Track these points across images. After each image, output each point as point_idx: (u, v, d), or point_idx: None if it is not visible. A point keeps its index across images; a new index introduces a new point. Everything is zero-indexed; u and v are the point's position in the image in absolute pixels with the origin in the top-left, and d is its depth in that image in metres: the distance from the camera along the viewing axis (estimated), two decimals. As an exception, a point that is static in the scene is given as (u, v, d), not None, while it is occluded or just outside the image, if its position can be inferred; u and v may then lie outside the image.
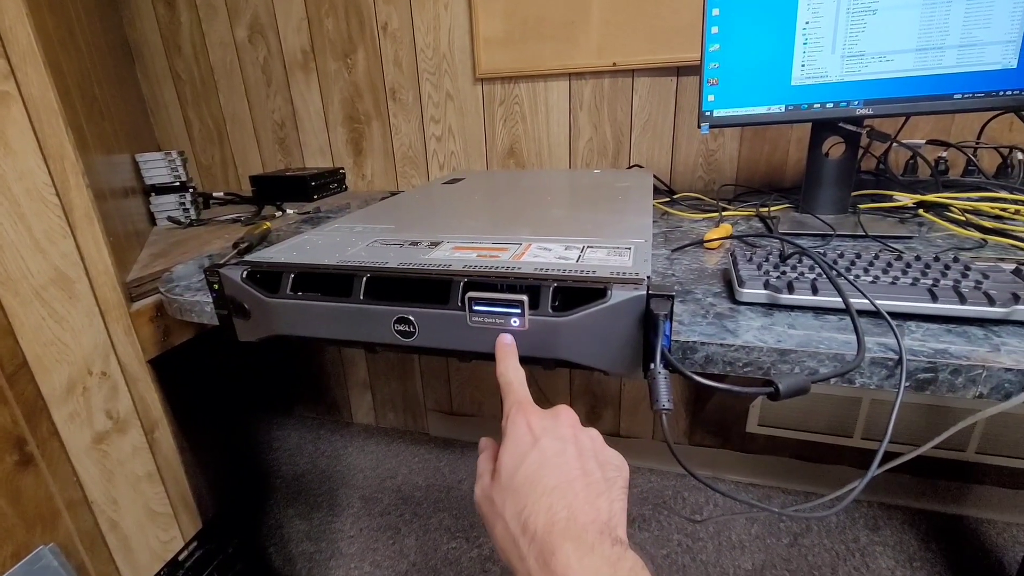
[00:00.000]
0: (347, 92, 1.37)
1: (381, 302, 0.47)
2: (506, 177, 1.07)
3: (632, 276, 0.44)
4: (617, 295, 0.42)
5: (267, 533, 1.35)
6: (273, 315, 0.51)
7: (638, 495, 1.41)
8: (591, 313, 0.42)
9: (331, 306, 0.48)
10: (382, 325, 0.47)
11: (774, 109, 0.81)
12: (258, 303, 0.51)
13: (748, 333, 0.51)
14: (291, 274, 0.50)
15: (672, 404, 0.33)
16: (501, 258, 0.50)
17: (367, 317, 0.48)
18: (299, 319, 0.50)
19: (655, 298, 0.40)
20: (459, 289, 0.45)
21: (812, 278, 0.57)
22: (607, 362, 0.44)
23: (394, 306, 0.47)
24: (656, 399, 0.34)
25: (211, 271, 0.52)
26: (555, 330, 0.43)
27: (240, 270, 0.52)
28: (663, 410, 0.33)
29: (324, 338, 0.50)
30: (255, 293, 0.51)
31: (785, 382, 0.35)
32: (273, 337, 0.53)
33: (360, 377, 1.72)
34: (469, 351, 0.46)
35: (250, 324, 0.53)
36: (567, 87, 1.21)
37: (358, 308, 0.48)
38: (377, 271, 0.49)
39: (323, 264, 0.51)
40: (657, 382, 0.34)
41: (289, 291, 0.50)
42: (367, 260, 0.51)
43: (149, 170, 1.08)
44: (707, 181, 1.20)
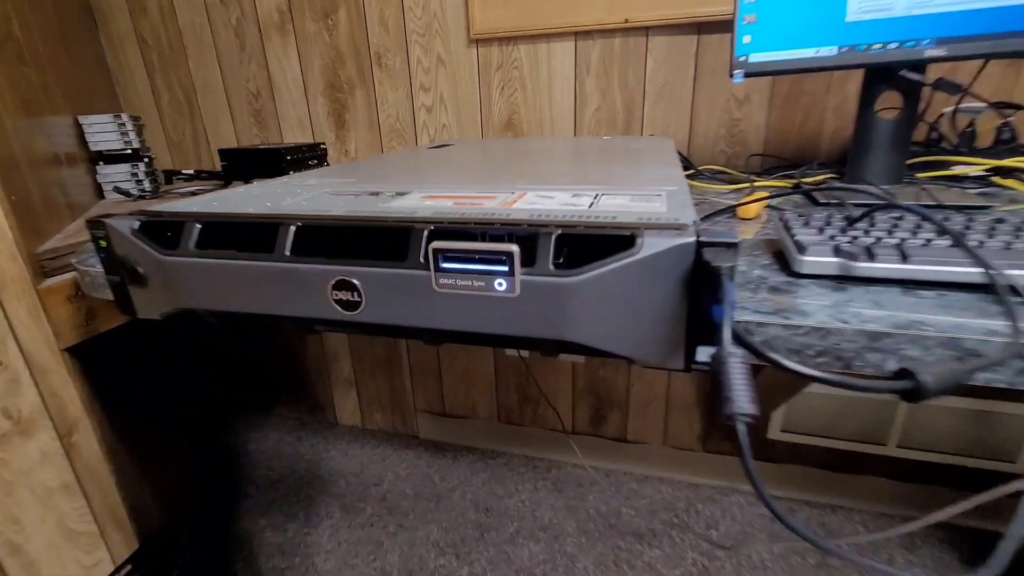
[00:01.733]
0: (328, 57, 1.23)
1: (316, 260, 0.34)
2: (503, 143, 0.93)
3: (671, 221, 0.30)
4: (651, 244, 0.28)
5: (234, 546, 1.22)
6: (174, 280, 0.37)
7: (647, 507, 1.27)
8: (612, 271, 0.29)
9: (248, 266, 0.35)
10: (317, 293, 0.34)
11: (824, 52, 0.67)
12: (154, 264, 0.37)
13: (820, 312, 0.37)
14: (196, 224, 0.37)
15: (757, 405, 0.20)
16: (486, 206, 0.36)
17: (297, 281, 0.34)
18: (207, 286, 0.36)
19: (711, 247, 0.27)
20: (421, 240, 0.32)
21: (895, 243, 0.44)
22: (632, 344, 0.30)
23: (333, 265, 0.33)
24: (729, 396, 0.20)
25: (95, 223, 0.39)
26: (559, 296, 0.29)
27: (131, 221, 0.38)
28: (741, 416, 0.20)
29: (242, 312, 0.37)
30: (148, 250, 0.37)
31: (929, 373, 0.22)
32: (179, 312, 0.39)
33: (344, 374, 1.58)
34: (435, 328, 0.32)
35: (149, 294, 0.39)
36: (572, 49, 1.08)
37: (284, 268, 0.34)
38: (311, 219, 0.35)
39: (240, 213, 0.37)
40: (728, 370, 0.21)
41: (193, 247, 0.36)
42: (310, 210, 0.38)
43: (95, 135, 0.94)
44: (730, 155, 1.07)
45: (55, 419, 0.63)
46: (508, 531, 1.22)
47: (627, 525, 1.22)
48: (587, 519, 1.25)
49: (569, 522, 1.24)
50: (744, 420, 0.20)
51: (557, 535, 1.20)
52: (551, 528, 1.22)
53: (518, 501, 1.31)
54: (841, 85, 0.98)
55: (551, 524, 1.24)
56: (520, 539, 1.20)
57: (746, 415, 0.20)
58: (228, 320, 0.39)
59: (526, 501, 1.31)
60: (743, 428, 0.19)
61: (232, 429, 1.65)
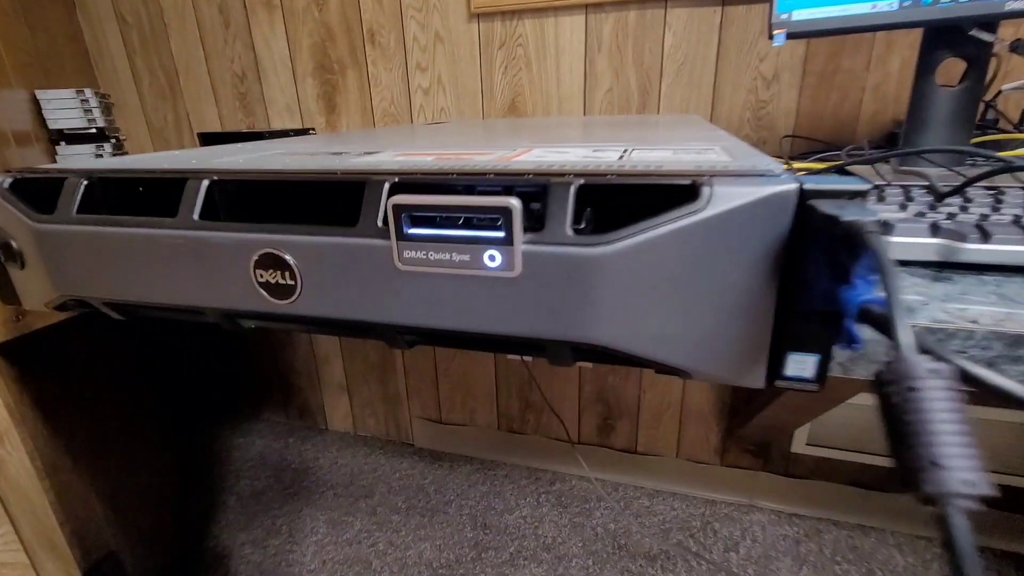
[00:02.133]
0: (318, 35, 1.14)
1: (232, 226, 0.24)
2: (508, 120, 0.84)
3: (748, 168, 0.20)
4: (724, 196, 0.18)
5: (208, 566, 1.12)
6: (53, 257, 0.27)
7: (659, 526, 1.17)
8: (664, 236, 0.19)
9: (142, 235, 0.25)
10: (236, 272, 0.24)
11: (882, 6, 0.57)
12: (29, 235, 0.28)
13: (928, 307, 0.28)
14: (83, 181, 0.27)
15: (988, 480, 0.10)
16: (478, 160, 0.26)
17: (208, 257, 0.24)
18: (93, 264, 0.27)
19: (824, 198, 0.17)
20: (380, 196, 0.22)
21: (1010, 219, 0.34)
22: (688, 349, 0.20)
23: (254, 232, 0.23)
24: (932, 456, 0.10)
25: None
26: (581, 276, 0.19)
27: (2, 178, 0.29)
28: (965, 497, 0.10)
29: (143, 303, 0.27)
30: (19, 215, 0.27)
31: None
32: (69, 302, 0.29)
33: (335, 377, 1.49)
34: (398, 324, 0.22)
35: (29, 277, 0.30)
36: (583, 23, 0.98)
37: (190, 239, 0.24)
38: (230, 173, 0.25)
39: (140, 168, 0.28)
40: (926, 401, 0.11)
41: (75, 211, 0.27)
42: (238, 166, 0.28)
43: (53, 111, 0.85)
44: (755, 140, 0.97)
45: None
46: (508, 551, 1.12)
47: (638, 546, 1.12)
48: (594, 538, 1.14)
49: (574, 541, 1.14)
50: (968, 505, 0.10)
51: (561, 556, 1.10)
52: (554, 548, 1.12)
53: (519, 517, 1.21)
54: (883, 61, 0.87)
55: (554, 544, 1.13)
56: (521, 560, 1.10)
57: (971, 496, 0.10)
58: (132, 314, 0.29)
59: (527, 517, 1.20)
60: (963, 523, 0.10)
61: (214, 435, 1.56)
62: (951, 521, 0.10)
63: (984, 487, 0.10)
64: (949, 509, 0.10)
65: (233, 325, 0.28)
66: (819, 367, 0.20)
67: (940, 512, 0.10)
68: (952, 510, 0.10)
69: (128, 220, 0.25)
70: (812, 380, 0.20)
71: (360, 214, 0.22)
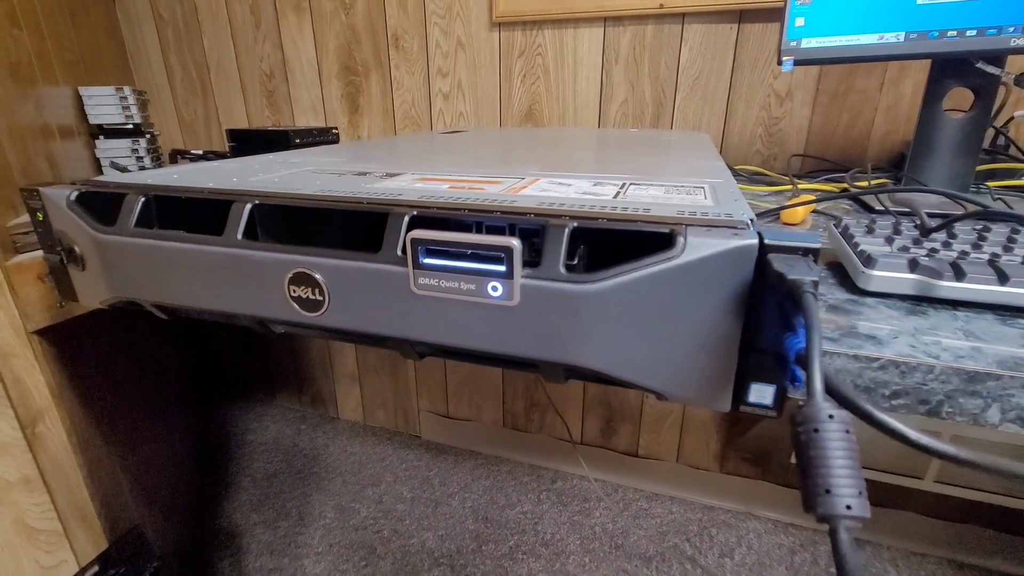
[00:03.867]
0: (344, 37, 1.18)
1: (271, 247, 0.27)
2: (522, 131, 0.87)
3: (723, 217, 0.23)
4: (696, 245, 0.21)
5: (222, 543, 1.17)
6: (112, 263, 0.31)
7: (656, 528, 1.19)
8: (643, 278, 0.22)
9: (192, 250, 0.29)
10: (272, 287, 0.27)
11: (889, 38, 0.59)
12: (91, 243, 0.31)
13: (897, 341, 0.30)
14: (140, 198, 0.31)
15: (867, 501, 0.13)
16: (488, 191, 0.29)
17: (249, 272, 0.28)
18: (147, 273, 0.30)
19: (781, 252, 0.20)
20: (400, 228, 0.25)
21: (986, 259, 0.36)
22: (664, 375, 0.23)
23: (290, 254, 0.27)
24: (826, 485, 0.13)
25: (30, 192, 0.33)
26: (571, 308, 0.22)
27: (69, 191, 0.32)
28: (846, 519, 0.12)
29: (189, 306, 0.30)
30: (83, 225, 0.31)
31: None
32: (122, 303, 0.33)
33: (348, 368, 1.53)
34: (412, 339, 0.26)
35: (88, 278, 0.33)
36: (601, 35, 1.00)
37: (233, 256, 0.28)
38: (270, 196, 0.29)
39: (191, 187, 0.31)
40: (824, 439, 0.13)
41: (133, 225, 0.30)
42: (275, 188, 0.31)
43: (95, 107, 0.90)
44: (766, 156, 0.98)
45: (17, 407, 0.58)
46: (507, 544, 1.16)
47: (634, 547, 1.15)
48: (592, 537, 1.17)
49: (572, 539, 1.17)
50: (850, 525, 0.12)
51: (559, 552, 1.13)
52: (553, 544, 1.15)
53: (520, 512, 1.24)
54: (896, 84, 0.89)
55: (553, 540, 1.17)
56: (519, 554, 1.13)
57: (854, 518, 0.12)
58: (176, 315, 0.33)
59: (528, 513, 1.24)
60: (846, 537, 0.12)
61: (233, 418, 1.62)
62: (839, 536, 0.13)
63: (863, 510, 0.13)
64: (837, 526, 0.13)
65: (265, 329, 0.31)
66: (777, 396, 0.22)
67: (831, 528, 0.13)
68: (840, 527, 0.13)
69: (180, 236, 0.29)
70: (771, 407, 0.23)
71: (383, 242, 0.25)
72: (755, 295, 0.21)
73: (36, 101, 0.73)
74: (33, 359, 0.59)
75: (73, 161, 0.83)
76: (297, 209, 0.29)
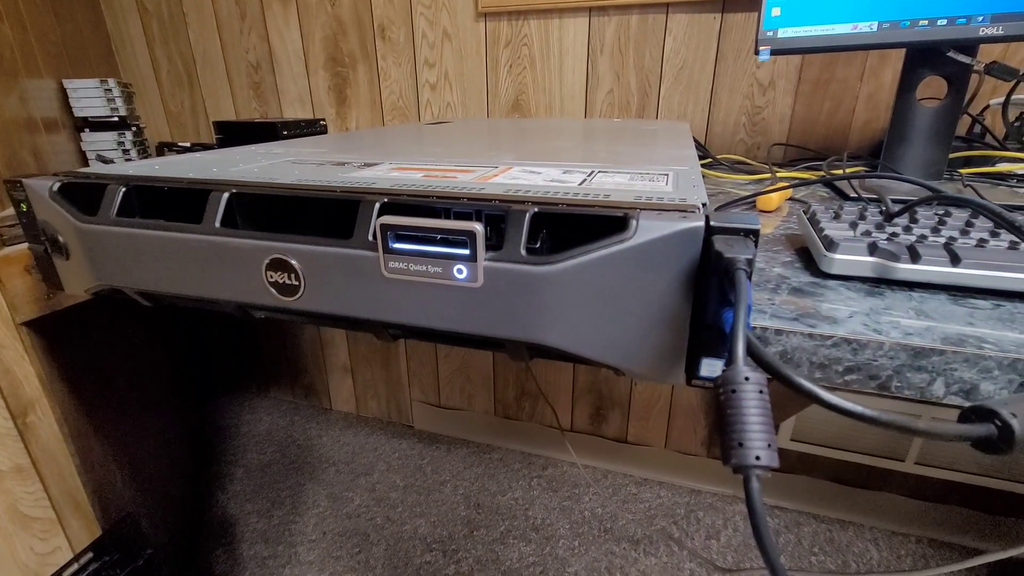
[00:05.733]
0: (330, 28, 1.18)
1: (247, 234, 0.28)
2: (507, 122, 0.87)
3: (675, 202, 0.24)
4: (647, 228, 0.22)
5: (216, 532, 1.19)
6: (94, 252, 0.32)
7: (645, 512, 1.22)
8: (597, 260, 0.23)
9: (172, 238, 0.30)
10: (250, 273, 0.29)
11: (863, 28, 0.60)
12: (74, 233, 0.32)
13: (851, 320, 0.32)
14: (121, 187, 0.32)
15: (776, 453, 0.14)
16: (459, 180, 0.30)
17: (227, 259, 0.29)
18: (129, 261, 0.31)
19: (722, 234, 0.21)
20: (371, 215, 0.26)
21: (943, 242, 0.37)
22: (621, 352, 0.25)
23: (266, 240, 0.28)
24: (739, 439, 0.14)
25: (12, 183, 0.34)
26: (531, 288, 0.24)
27: (52, 182, 0.33)
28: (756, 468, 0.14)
29: (170, 293, 0.31)
30: (66, 215, 0.32)
31: (1017, 412, 0.16)
32: (105, 290, 0.34)
33: (340, 360, 1.54)
34: (384, 321, 0.27)
35: (72, 267, 0.34)
36: (586, 25, 1.01)
37: (212, 243, 0.29)
38: (247, 186, 0.30)
39: (171, 177, 0.32)
40: (740, 399, 0.15)
41: (115, 214, 0.31)
42: (252, 178, 0.32)
43: (80, 100, 0.90)
44: (750, 145, 0.99)
45: (7, 398, 0.59)
46: (499, 529, 1.18)
47: (623, 530, 1.17)
48: (581, 521, 1.20)
49: (562, 523, 1.19)
50: (759, 474, 0.14)
51: (549, 537, 1.16)
52: (543, 529, 1.18)
53: (511, 499, 1.26)
54: (876, 72, 0.90)
55: (543, 524, 1.19)
56: (511, 539, 1.15)
57: (763, 467, 0.14)
58: (159, 302, 0.34)
59: (519, 499, 1.26)
60: (756, 485, 0.14)
61: (226, 410, 1.63)
62: (750, 483, 0.14)
63: (771, 461, 0.14)
64: (749, 475, 0.14)
65: (245, 315, 0.32)
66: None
67: (744, 476, 0.14)
68: (751, 475, 0.14)
69: (160, 224, 0.30)
70: (721, 380, 0.24)
71: (354, 228, 0.26)
72: (702, 274, 0.22)
73: (20, 94, 0.73)
74: (23, 350, 0.59)
75: (59, 155, 0.83)
76: (274, 198, 0.30)
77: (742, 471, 0.14)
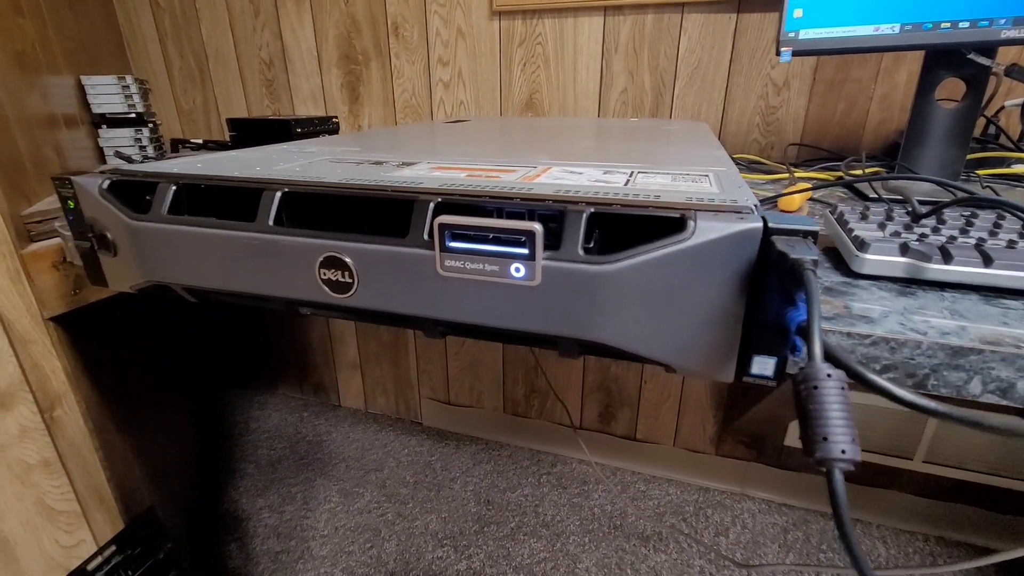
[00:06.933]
0: (343, 26, 1.18)
1: (302, 232, 0.29)
2: (524, 120, 0.88)
3: (727, 203, 0.25)
4: (705, 229, 0.23)
5: (230, 526, 1.20)
6: (144, 249, 0.33)
7: (654, 509, 1.23)
8: (657, 259, 0.23)
9: (225, 236, 0.30)
10: (303, 270, 0.29)
11: (884, 30, 0.60)
12: (124, 230, 0.33)
13: (887, 319, 0.32)
14: (171, 186, 0.32)
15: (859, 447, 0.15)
16: (504, 179, 0.31)
17: (280, 257, 0.29)
18: (179, 258, 0.32)
19: (784, 235, 0.21)
20: (426, 213, 0.27)
21: (973, 243, 0.38)
22: (674, 349, 0.25)
23: (320, 239, 0.28)
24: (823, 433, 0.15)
25: (62, 180, 0.34)
26: (588, 287, 0.24)
27: (101, 179, 0.34)
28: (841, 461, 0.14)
29: (220, 290, 0.32)
30: (117, 213, 0.32)
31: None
32: (151, 287, 0.35)
33: (349, 356, 1.55)
34: (437, 319, 0.27)
35: (119, 264, 0.35)
36: (601, 24, 1.01)
37: (266, 241, 0.29)
38: (300, 185, 0.30)
39: (221, 175, 0.32)
40: (823, 395, 0.15)
41: (166, 212, 0.32)
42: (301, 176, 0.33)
43: (97, 97, 0.90)
44: (763, 145, 1.00)
45: (36, 392, 0.59)
46: (509, 526, 1.19)
47: (632, 527, 1.18)
48: (591, 518, 1.20)
49: (572, 520, 1.20)
50: (844, 467, 0.14)
51: (559, 533, 1.17)
52: (553, 525, 1.19)
53: (520, 495, 1.27)
54: (891, 73, 0.90)
55: (553, 521, 1.20)
56: (521, 535, 1.16)
57: (847, 460, 0.14)
58: (206, 298, 0.34)
59: (529, 496, 1.27)
60: (840, 478, 0.14)
61: (235, 407, 1.63)
62: (834, 476, 0.15)
63: (855, 455, 0.15)
64: (832, 468, 0.15)
65: (292, 311, 0.33)
66: (777, 367, 0.24)
67: (827, 469, 0.15)
68: (835, 469, 0.15)
69: (212, 222, 0.30)
70: (772, 378, 0.25)
71: (410, 227, 0.27)
72: (758, 274, 0.23)
73: (42, 90, 0.73)
74: (50, 345, 0.60)
75: (78, 151, 0.84)
76: (320, 196, 0.30)
77: (827, 464, 0.15)
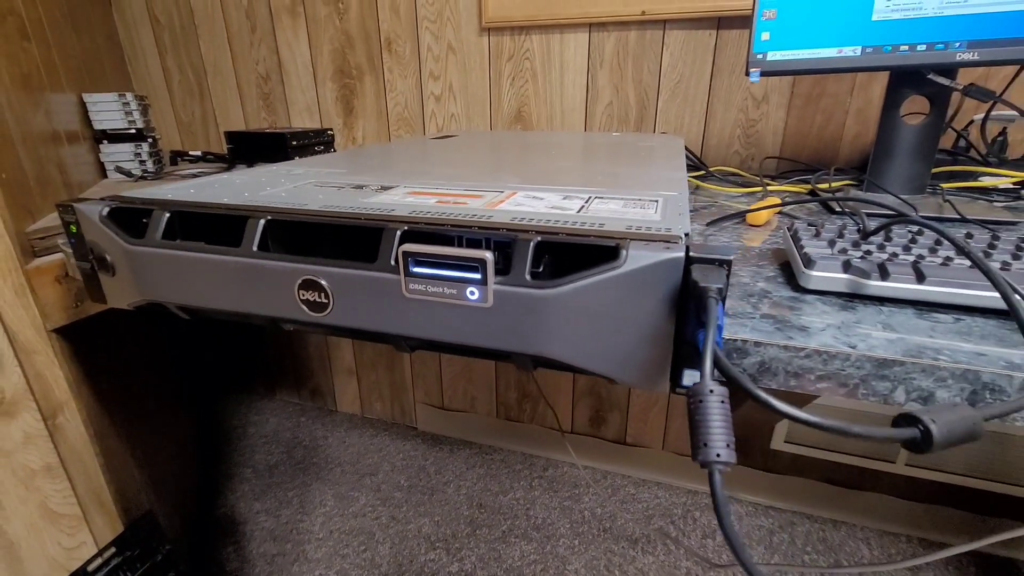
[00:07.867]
0: (338, 41, 1.21)
1: (282, 257, 0.32)
2: (509, 135, 0.91)
3: (661, 232, 0.28)
4: (636, 257, 0.26)
5: (226, 530, 1.22)
6: (140, 270, 0.36)
7: (643, 511, 1.25)
8: (592, 285, 0.26)
9: (213, 260, 0.33)
10: (284, 291, 0.32)
11: (847, 52, 0.63)
12: (121, 253, 0.36)
13: (824, 333, 0.35)
14: (165, 213, 0.35)
15: (734, 452, 0.17)
16: (470, 206, 0.34)
17: (263, 279, 0.32)
18: (173, 279, 0.35)
19: (700, 264, 0.24)
20: (393, 241, 0.30)
21: (911, 260, 0.41)
22: (614, 363, 0.28)
23: (299, 263, 0.31)
24: (704, 440, 0.18)
25: (65, 207, 0.37)
26: (535, 308, 0.27)
27: (101, 206, 0.37)
28: (717, 464, 0.17)
29: (209, 308, 0.35)
30: (115, 238, 0.35)
31: (939, 422, 0.19)
32: (147, 304, 0.38)
33: (345, 362, 1.58)
34: (404, 335, 0.30)
35: (117, 283, 0.38)
36: (586, 40, 1.04)
37: (250, 265, 0.32)
38: (281, 212, 0.33)
39: (211, 203, 0.35)
40: (706, 408, 0.18)
41: (160, 237, 0.35)
42: (284, 203, 0.35)
43: (98, 113, 0.94)
44: (744, 157, 1.03)
45: (39, 401, 0.62)
46: (500, 529, 1.21)
47: (621, 529, 1.20)
48: (581, 521, 1.23)
49: (563, 523, 1.22)
50: (721, 469, 0.17)
51: (550, 535, 1.19)
52: (544, 528, 1.21)
53: (512, 499, 1.30)
54: (865, 88, 0.93)
55: (544, 524, 1.22)
56: (512, 538, 1.19)
57: (723, 463, 0.17)
58: (197, 315, 0.37)
59: (520, 499, 1.29)
60: (719, 478, 0.17)
61: (233, 412, 1.66)
62: (713, 476, 0.17)
63: (730, 458, 0.17)
64: (712, 469, 0.17)
65: (276, 327, 0.36)
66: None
67: (708, 470, 0.18)
68: (714, 469, 0.17)
69: (202, 247, 0.33)
70: (701, 389, 0.28)
71: (378, 254, 0.30)
72: (683, 297, 0.26)
73: (45, 109, 0.76)
74: (53, 355, 0.63)
75: (80, 166, 0.87)
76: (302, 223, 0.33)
77: (707, 466, 0.17)
